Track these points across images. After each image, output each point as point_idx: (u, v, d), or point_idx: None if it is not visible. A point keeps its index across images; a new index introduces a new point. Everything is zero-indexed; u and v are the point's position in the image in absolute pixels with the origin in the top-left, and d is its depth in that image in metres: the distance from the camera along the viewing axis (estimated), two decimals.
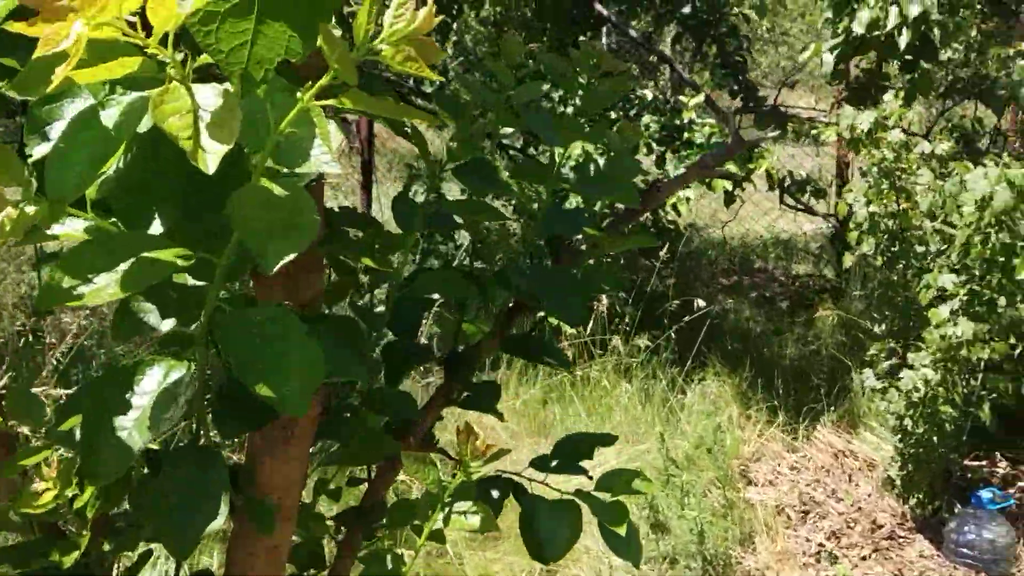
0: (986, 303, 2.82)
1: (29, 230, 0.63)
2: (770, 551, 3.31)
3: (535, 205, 1.17)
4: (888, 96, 3.11)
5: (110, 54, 0.51)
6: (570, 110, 3.96)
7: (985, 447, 3.64)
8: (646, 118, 4.05)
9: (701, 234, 6.95)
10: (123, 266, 0.61)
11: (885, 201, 3.11)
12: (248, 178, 0.63)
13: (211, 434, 0.95)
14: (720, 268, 6.36)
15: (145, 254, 0.62)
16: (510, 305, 1.23)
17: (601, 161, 1.18)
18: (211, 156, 0.51)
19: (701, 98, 4.04)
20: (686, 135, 3.99)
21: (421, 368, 3.87)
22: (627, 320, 4.43)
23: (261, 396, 0.67)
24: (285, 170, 0.64)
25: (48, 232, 0.71)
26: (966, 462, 3.57)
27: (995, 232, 2.71)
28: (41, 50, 0.44)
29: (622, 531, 1.07)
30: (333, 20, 0.62)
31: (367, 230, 1.22)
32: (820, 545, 3.29)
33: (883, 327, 3.51)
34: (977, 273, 2.84)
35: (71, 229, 0.74)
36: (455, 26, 4.90)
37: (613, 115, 3.91)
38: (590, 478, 1.23)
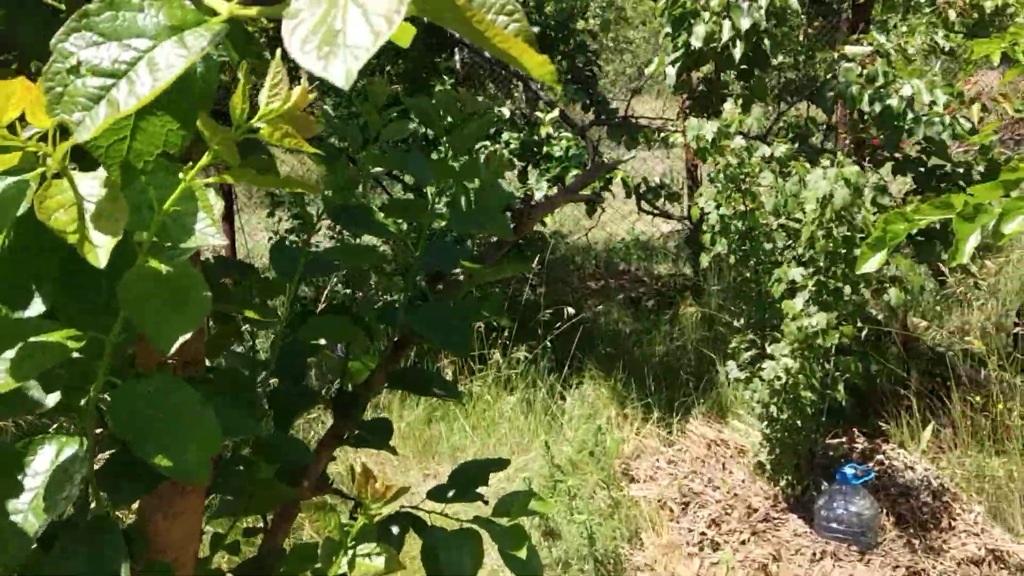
0: (833, 292, 3.03)
1: None
2: (656, 545, 3.44)
3: (411, 241, 1.20)
4: (728, 105, 3.31)
5: None
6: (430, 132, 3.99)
7: (843, 425, 3.91)
8: (505, 135, 4.14)
9: (566, 241, 7.13)
10: (10, 352, 0.61)
11: (733, 204, 3.30)
12: (134, 255, 0.63)
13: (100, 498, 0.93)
14: (587, 273, 6.54)
15: (33, 338, 0.61)
16: (395, 340, 1.26)
17: (472, 189, 1.22)
18: (100, 250, 0.52)
19: (556, 113, 4.17)
20: (545, 149, 4.11)
21: None
22: (505, 333, 4.50)
23: (160, 467, 0.67)
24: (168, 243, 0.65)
25: None
26: (827, 441, 3.82)
27: (836, 227, 2.92)
28: None
29: (522, 554, 1.11)
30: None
31: (244, 278, 1.22)
32: (702, 534, 3.44)
33: (741, 320, 3.71)
34: (822, 265, 3.05)
35: None
36: None
37: None
38: (486, 503, 1.27)
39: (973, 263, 4.16)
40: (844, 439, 3.88)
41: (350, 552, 1.07)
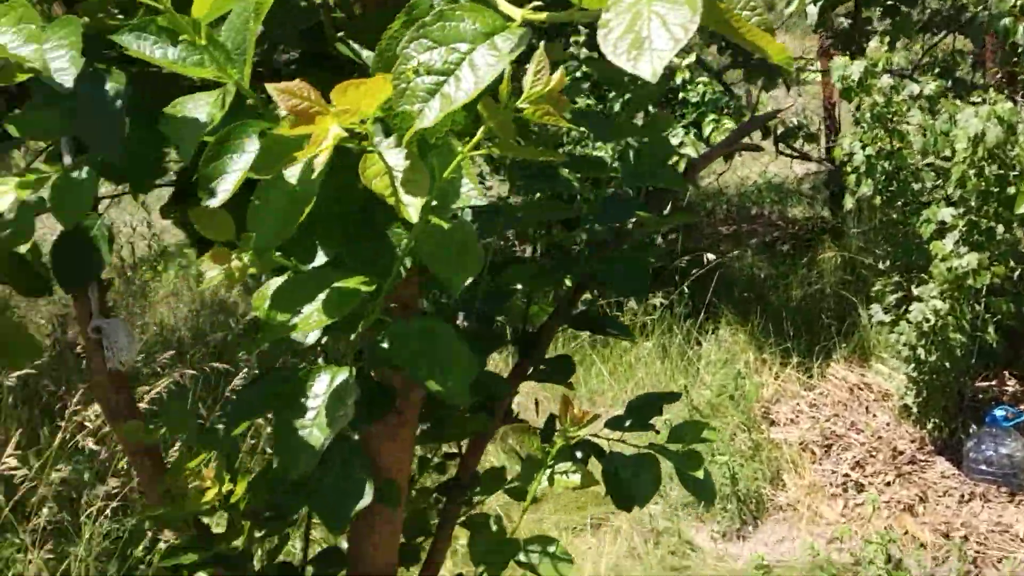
0: (985, 232, 2.97)
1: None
2: (799, 486, 3.50)
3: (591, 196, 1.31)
4: (873, 43, 3.24)
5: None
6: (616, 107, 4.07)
7: (994, 367, 3.82)
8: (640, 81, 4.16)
9: (697, 186, 7.08)
10: (322, 295, 0.75)
11: (880, 143, 3.25)
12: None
13: None
14: (719, 218, 6.49)
15: (336, 284, 0.76)
16: (574, 286, 1.38)
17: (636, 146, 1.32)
18: (411, 208, 0.65)
19: (692, 58, 4.16)
20: (681, 95, 4.12)
21: None
22: None
23: (431, 390, 0.81)
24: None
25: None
26: (977, 383, 3.75)
27: (988, 165, 2.86)
28: (309, 151, 0.58)
29: (700, 474, 1.22)
30: None
31: None
32: (846, 475, 3.47)
33: (886, 263, 3.67)
34: (973, 204, 2.99)
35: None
36: None
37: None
38: (657, 432, 1.38)
39: None
40: (994, 381, 3.80)
41: (548, 471, 1.21)
